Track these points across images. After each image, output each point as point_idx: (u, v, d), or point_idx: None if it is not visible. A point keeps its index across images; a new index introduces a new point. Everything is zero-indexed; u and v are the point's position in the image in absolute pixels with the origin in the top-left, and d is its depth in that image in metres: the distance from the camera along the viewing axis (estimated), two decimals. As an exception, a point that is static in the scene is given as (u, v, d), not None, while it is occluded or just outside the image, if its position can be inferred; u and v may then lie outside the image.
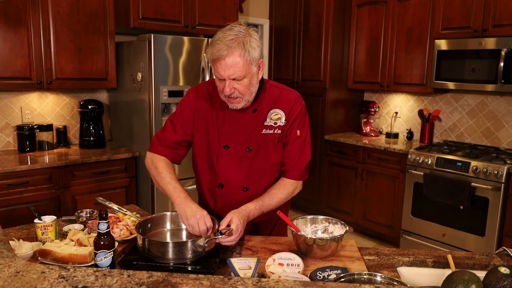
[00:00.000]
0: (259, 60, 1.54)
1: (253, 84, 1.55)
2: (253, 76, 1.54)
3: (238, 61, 1.47)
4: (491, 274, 1.15)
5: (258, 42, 1.52)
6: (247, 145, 1.64)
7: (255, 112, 1.64)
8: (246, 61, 1.48)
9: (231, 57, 1.46)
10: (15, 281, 1.03)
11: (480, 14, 3.37)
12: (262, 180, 1.68)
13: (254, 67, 1.53)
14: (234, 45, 1.46)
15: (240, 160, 1.65)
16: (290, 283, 1.07)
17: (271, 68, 4.93)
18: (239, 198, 1.66)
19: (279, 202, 1.64)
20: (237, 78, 1.49)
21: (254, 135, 1.64)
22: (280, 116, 1.64)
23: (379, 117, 4.61)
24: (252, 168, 1.66)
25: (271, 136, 1.64)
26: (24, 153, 3.19)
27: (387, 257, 1.50)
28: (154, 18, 3.38)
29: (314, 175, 4.51)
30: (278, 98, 1.66)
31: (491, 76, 3.31)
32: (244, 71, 1.49)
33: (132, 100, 3.48)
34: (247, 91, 1.54)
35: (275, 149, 1.66)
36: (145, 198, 3.43)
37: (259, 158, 1.65)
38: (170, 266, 1.35)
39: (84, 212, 1.82)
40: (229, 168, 1.66)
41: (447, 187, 3.34)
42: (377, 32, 4.14)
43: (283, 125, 1.64)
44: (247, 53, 1.47)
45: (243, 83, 1.52)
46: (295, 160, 1.66)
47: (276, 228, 1.85)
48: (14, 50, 2.98)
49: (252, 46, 1.48)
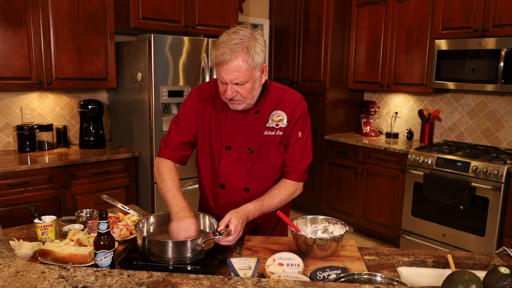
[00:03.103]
0: (263, 64, 1.53)
1: (255, 88, 1.54)
2: (255, 81, 1.52)
3: (242, 66, 1.45)
4: (491, 274, 1.15)
5: (263, 47, 1.50)
6: (248, 146, 1.64)
7: (257, 114, 1.64)
8: (250, 66, 1.46)
9: (235, 62, 1.44)
10: (15, 281, 1.03)
11: (480, 14, 3.37)
12: (263, 182, 1.68)
13: (258, 72, 1.51)
14: (238, 50, 1.44)
15: (241, 161, 1.65)
16: (290, 283, 1.07)
17: (271, 68, 4.93)
18: (240, 199, 1.66)
19: (279, 203, 1.63)
20: (240, 82, 1.48)
21: (256, 136, 1.64)
22: (282, 118, 1.64)
23: (379, 117, 4.61)
24: (254, 169, 1.66)
25: (273, 137, 1.64)
26: (24, 153, 3.19)
27: (387, 257, 1.50)
28: (154, 18, 3.38)
29: (314, 175, 4.51)
30: (280, 99, 1.65)
31: (491, 76, 3.31)
32: (247, 76, 1.48)
33: (132, 100, 3.48)
34: (249, 95, 1.53)
35: (277, 151, 1.65)
36: (145, 198, 3.43)
37: (261, 159, 1.65)
38: (170, 266, 1.35)
39: (84, 212, 1.82)
40: (230, 169, 1.66)
41: (447, 187, 3.34)
42: (377, 32, 4.14)
43: (284, 126, 1.64)
44: (251, 58, 1.45)
45: (245, 87, 1.51)
46: (296, 162, 1.66)
47: (276, 229, 1.85)
48: (14, 50, 2.98)
49: (256, 52, 1.46)
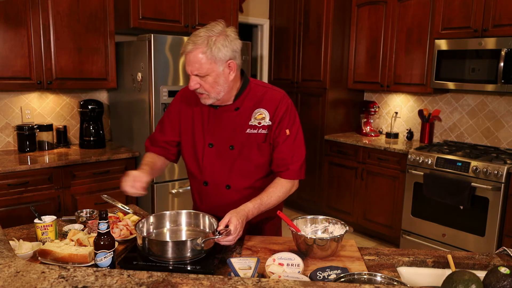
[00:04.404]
0: (228, 60, 1.53)
1: (219, 83, 1.55)
2: (219, 76, 1.53)
3: (201, 58, 1.49)
4: (491, 274, 1.15)
5: (229, 43, 1.52)
6: (230, 144, 1.66)
7: (237, 111, 1.65)
8: (208, 59, 1.49)
9: (193, 53, 1.50)
10: (15, 281, 1.03)
11: (480, 14, 3.37)
12: (244, 179, 1.69)
13: (220, 67, 1.52)
14: (199, 42, 1.49)
15: (223, 158, 1.67)
16: (290, 283, 1.07)
17: (271, 68, 4.93)
18: (222, 196, 1.70)
19: (277, 201, 1.64)
20: (199, 74, 1.52)
21: (238, 134, 1.65)
22: (264, 116, 1.64)
23: (379, 117, 4.61)
24: (235, 166, 1.67)
25: (255, 135, 1.65)
26: (24, 153, 3.19)
27: (387, 257, 1.50)
28: (154, 18, 3.38)
29: (314, 175, 4.51)
30: (262, 97, 1.66)
31: (491, 76, 3.31)
32: (206, 68, 1.51)
33: (132, 100, 3.48)
34: (212, 90, 1.55)
35: (259, 149, 1.66)
36: (145, 198, 3.43)
37: (242, 157, 1.66)
38: (170, 266, 1.35)
39: (84, 212, 1.82)
40: (213, 166, 1.69)
41: (447, 187, 3.34)
42: (377, 32, 4.14)
43: (267, 125, 1.64)
44: (209, 50, 1.48)
45: (207, 80, 1.53)
46: (288, 160, 1.65)
47: (269, 228, 1.84)
48: (14, 50, 2.98)
49: (217, 46, 1.49)
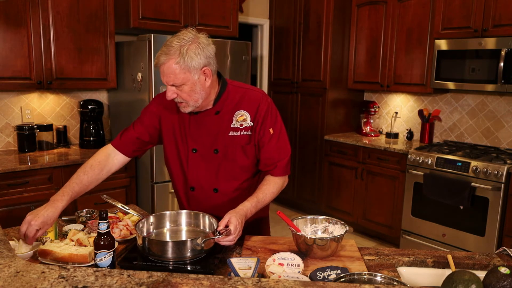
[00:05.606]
0: (202, 67, 1.52)
1: (196, 91, 1.54)
2: (195, 84, 1.52)
3: (175, 68, 1.47)
4: (491, 274, 1.15)
5: (202, 50, 1.49)
6: (214, 148, 1.66)
7: (218, 114, 1.64)
8: (182, 68, 1.48)
9: (167, 64, 1.48)
10: (15, 281, 1.03)
11: (480, 14, 3.37)
12: (231, 182, 1.69)
13: (195, 75, 1.50)
14: (171, 52, 1.47)
15: (208, 162, 1.67)
16: (290, 283, 1.07)
17: (271, 68, 4.93)
18: (210, 200, 1.70)
19: (271, 197, 1.67)
20: (175, 84, 1.50)
21: (221, 137, 1.65)
22: (245, 117, 1.64)
23: (379, 117, 4.61)
24: (221, 170, 1.67)
25: (239, 138, 1.65)
26: (24, 153, 3.19)
27: (387, 257, 1.50)
28: (154, 18, 3.38)
29: (314, 175, 4.51)
30: (242, 99, 1.66)
31: (491, 76, 3.31)
32: (181, 78, 1.49)
33: (132, 100, 3.48)
34: (189, 98, 1.54)
35: (244, 151, 1.66)
36: (145, 198, 3.43)
37: (228, 160, 1.66)
38: (170, 266, 1.35)
39: (84, 212, 1.82)
40: (198, 171, 1.68)
41: (447, 187, 3.34)
42: (377, 32, 4.14)
43: (249, 126, 1.64)
44: (182, 60, 1.46)
45: (183, 89, 1.52)
46: (275, 159, 1.67)
47: (259, 227, 1.84)
48: (14, 50, 2.98)
49: (189, 55, 1.47)
